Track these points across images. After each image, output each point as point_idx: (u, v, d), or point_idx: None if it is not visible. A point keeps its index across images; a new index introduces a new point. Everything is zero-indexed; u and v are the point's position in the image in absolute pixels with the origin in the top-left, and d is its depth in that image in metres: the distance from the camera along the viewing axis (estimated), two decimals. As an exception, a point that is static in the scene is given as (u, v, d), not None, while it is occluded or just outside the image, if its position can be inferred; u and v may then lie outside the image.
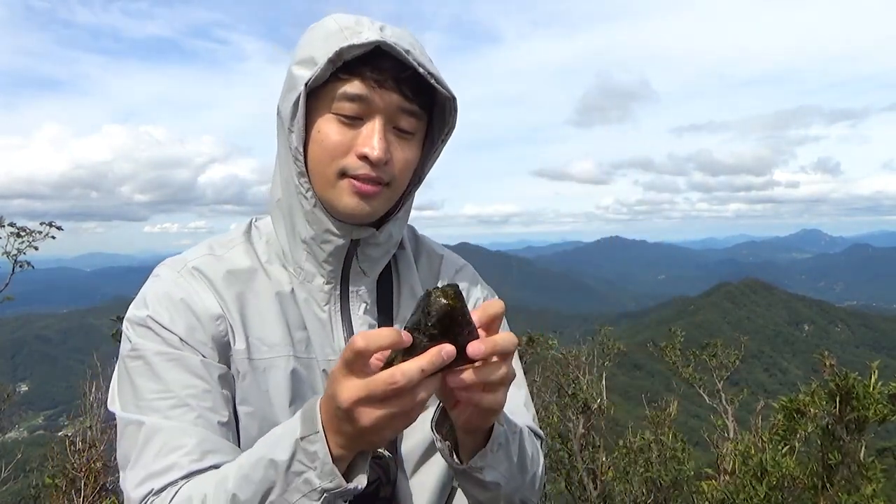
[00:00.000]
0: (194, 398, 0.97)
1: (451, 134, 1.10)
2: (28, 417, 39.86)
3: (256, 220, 1.17)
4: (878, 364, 3.18)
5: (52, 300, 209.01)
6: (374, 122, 1.00)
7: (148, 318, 1.01)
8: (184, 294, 1.03)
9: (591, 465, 4.69)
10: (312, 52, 0.99)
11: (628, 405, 9.33)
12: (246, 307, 1.06)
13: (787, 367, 74.63)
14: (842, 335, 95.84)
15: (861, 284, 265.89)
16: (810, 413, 3.31)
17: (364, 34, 0.98)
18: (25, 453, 5.20)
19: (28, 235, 4.74)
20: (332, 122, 1.01)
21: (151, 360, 0.99)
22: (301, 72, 1.00)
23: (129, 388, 1.00)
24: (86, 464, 3.94)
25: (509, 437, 0.97)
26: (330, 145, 1.00)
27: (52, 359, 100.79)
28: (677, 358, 5.73)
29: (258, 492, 0.85)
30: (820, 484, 3.09)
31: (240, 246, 1.12)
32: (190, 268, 1.07)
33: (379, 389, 0.75)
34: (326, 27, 1.01)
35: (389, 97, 1.00)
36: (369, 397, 0.76)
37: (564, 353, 5.55)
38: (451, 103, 1.06)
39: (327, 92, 1.00)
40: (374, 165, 1.00)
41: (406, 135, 1.04)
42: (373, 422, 0.78)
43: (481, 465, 0.93)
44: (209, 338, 1.01)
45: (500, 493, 0.99)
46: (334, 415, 0.81)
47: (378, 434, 0.80)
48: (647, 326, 76.77)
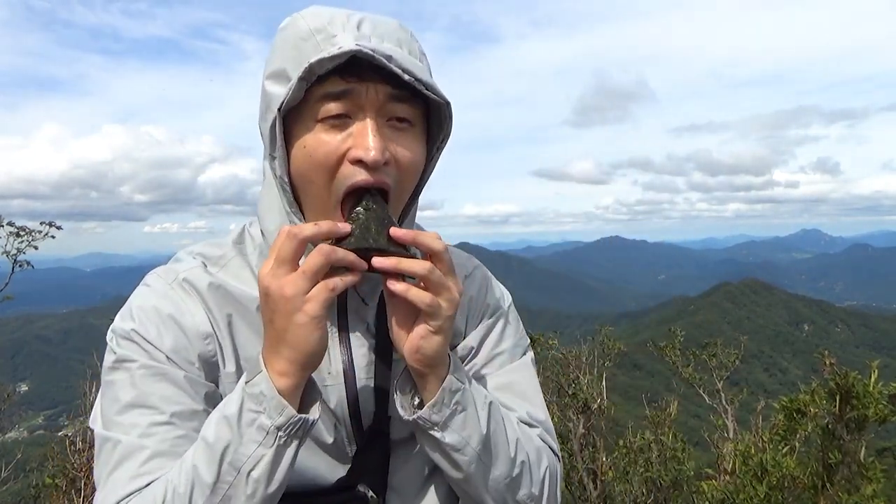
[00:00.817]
0: (179, 417, 0.91)
1: (447, 141, 1.00)
2: (28, 417, 39.85)
3: (251, 224, 1.08)
4: (878, 364, 3.18)
5: (52, 300, 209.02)
6: (364, 117, 0.89)
7: (133, 331, 0.95)
8: (173, 309, 0.96)
9: (591, 465, 4.68)
10: (283, 62, 0.90)
11: (628, 405, 9.32)
12: (237, 328, 0.99)
13: (787, 367, 74.64)
14: (842, 335, 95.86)
15: (861, 284, 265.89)
16: (810, 413, 3.31)
17: (338, 40, 0.87)
18: (25, 453, 5.20)
19: (28, 235, 4.75)
20: (317, 132, 0.90)
21: (135, 374, 0.92)
22: (274, 88, 0.90)
23: (109, 401, 0.93)
24: (86, 464, 3.93)
25: (471, 396, 0.94)
26: (321, 158, 0.89)
27: (52, 359, 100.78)
28: (677, 358, 5.72)
29: (215, 454, 0.82)
30: (820, 484, 3.08)
31: (233, 261, 1.04)
32: (181, 280, 0.99)
33: (288, 249, 0.82)
34: (297, 29, 0.90)
35: (376, 87, 0.88)
36: (281, 261, 0.82)
37: (564, 353, 5.55)
38: (446, 109, 0.95)
39: (305, 100, 0.90)
40: (372, 169, 0.88)
41: (404, 124, 0.92)
42: (290, 292, 0.81)
43: (436, 420, 0.91)
44: (196, 356, 0.95)
45: (471, 472, 0.94)
46: (268, 335, 0.84)
47: (296, 329, 0.81)
48: (647, 326, 76.76)
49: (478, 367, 1.12)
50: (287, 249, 0.82)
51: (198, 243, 1.09)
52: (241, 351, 0.99)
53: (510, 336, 1.15)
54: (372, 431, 1.02)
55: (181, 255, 1.06)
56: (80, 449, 4.02)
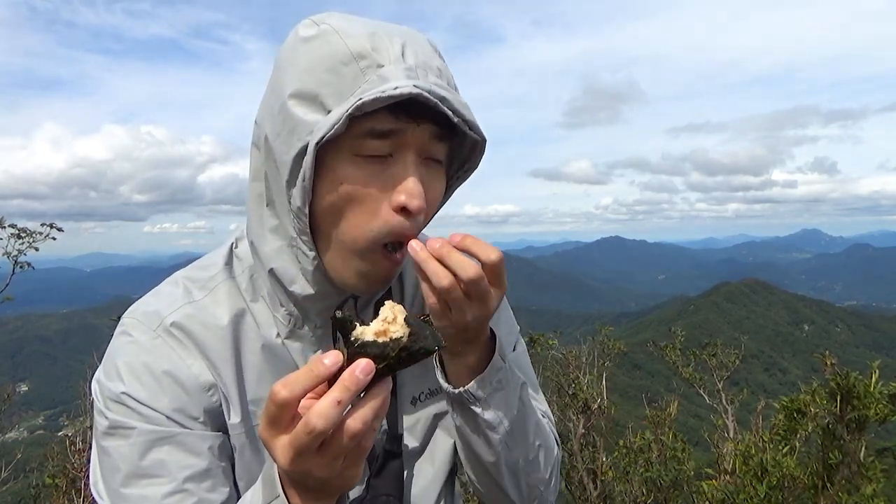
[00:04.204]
0: (192, 480, 0.84)
1: (471, 174, 0.95)
2: (28, 417, 39.82)
3: (237, 244, 0.99)
4: (878, 364, 3.18)
5: (52, 300, 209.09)
6: (407, 159, 0.82)
7: (124, 394, 0.85)
8: (167, 365, 0.87)
9: (591, 465, 4.68)
10: (317, 86, 0.79)
11: (628, 405, 9.33)
12: (238, 368, 0.92)
13: (787, 367, 74.61)
14: (842, 335, 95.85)
15: (861, 284, 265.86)
16: (811, 413, 3.31)
17: (387, 73, 0.78)
18: (25, 453, 5.21)
19: (28, 237, 4.75)
20: (356, 167, 0.81)
21: (136, 441, 0.84)
22: (302, 112, 0.79)
23: (110, 471, 0.85)
24: (86, 464, 3.93)
25: (509, 375, 0.93)
26: (361, 198, 0.81)
27: (52, 359, 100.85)
28: (677, 358, 5.73)
29: None
30: (820, 484, 3.08)
31: (222, 286, 0.94)
32: (168, 326, 0.89)
33: (305, 443, 0.65)
34: (333, 49, 0.79)
35: (424, 129, 0.82)
36: (301, 453, 0.66)
37: (565, 353, 5.55)
38: (481, 145, 0.90)
39: (344, 132, 0.79)
40: (413, 216, 0.82)
41: (437, 165, 0.87)
42: (324, 473, 0.68)
43: (479, 395, 0.89)
44: (201, 411, 0.87)
45: (500, 452, 0.94)
46: (300, 487, 0.73)
47: (340, 480, 0.71)
48: (647, 326, 76.82)
49: None
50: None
51: (184, 268, 0.99)
52: (245, 392, 0.92)
53: (506, 322, 1.16)
54: (385, 453, 1.00)
55: (163, 286, 0.96)
56: (80, 449, 4.03)
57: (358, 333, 0.66)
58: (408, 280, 1.06)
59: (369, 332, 0.66)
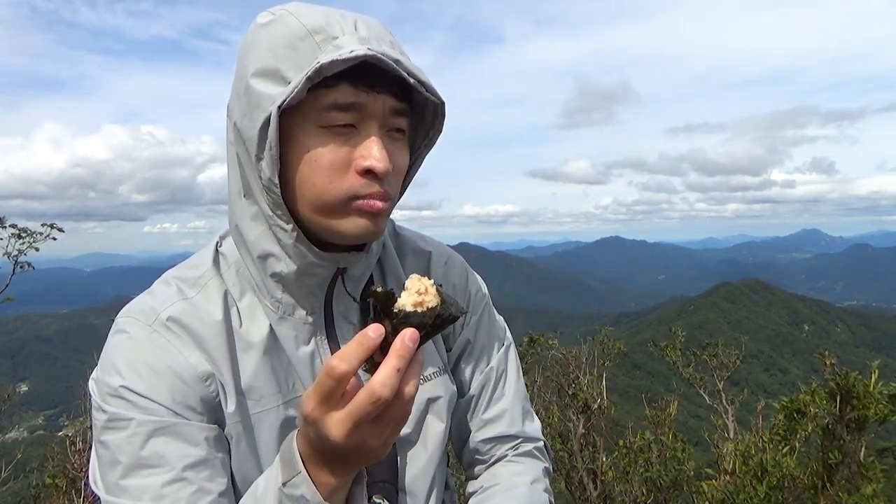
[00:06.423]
0: (190, 469, 0.85)
1: (437, 139, 0.99)
2: (28, 417, 39.85)
3: (221, 242, 1.02)
4: (878, 364, 3.18)
5: (52, 300, 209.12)
6: (370, 129, 0.87)
7: (122, 388, 0.86)
8: (165, 357, 0.89)
9: (591, 465, 4.68)
10: (276, 62, 0.84)
11: (628, 405, 9.33)
12: (233, 358, 0.93)
13: (787, 367, 74.62)
14: (842, 335, 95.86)
15: (861, 284, 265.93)
16: (811, 413, 3.31)
17: (341, 42, 0.83)
18: (25, 453, 5.21)
19: (29, 237, 4.75)
20: (321, 137, 0.86)
21: (136, 432, 0.85)
22: (265, 87, 0.84)
23: (108, 464, 0.86)
24: (86, 464, 3.94)
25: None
26: (326, 164, 0.86)
27: (52, 359, 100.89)
28: (677, 358, 5.73)
29: None
30: (820, 484, 3.08)
31: (211, 283, 0.97)
32: (164, 320, 0.91)
33: (367, 413, 0.68)
34: (289, 28, 0.85)
35: (384, 100, 0.87)
36: (359, 424, 0.69)
37: (564, 353, 5.55)
38: (440, 108, 0.94)
39: (305, 103, 0.84)
40: (380, 179, 0.87)
41: (399, 134, 0.92)
42: (376, 442, 0.72)
43: None
44: (199, 401, 0.89)
45: None
46: (316, 449, 0.74)
47: (383, 448, 0.74)
48: (647, 326, 76.85)
49: (474, 359, 1.14)
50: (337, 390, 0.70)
51: (173, 269, 1.02)
52: (240, 382, 0.93)
53: (496, 322, 1.19)
54: None
55: (155, 286, 0.98)
56: (80, 449, 4.03)
57: (400, 305, 0.70)
58: (388, 270, 1.09)
59: (409, 303, 0.70)
